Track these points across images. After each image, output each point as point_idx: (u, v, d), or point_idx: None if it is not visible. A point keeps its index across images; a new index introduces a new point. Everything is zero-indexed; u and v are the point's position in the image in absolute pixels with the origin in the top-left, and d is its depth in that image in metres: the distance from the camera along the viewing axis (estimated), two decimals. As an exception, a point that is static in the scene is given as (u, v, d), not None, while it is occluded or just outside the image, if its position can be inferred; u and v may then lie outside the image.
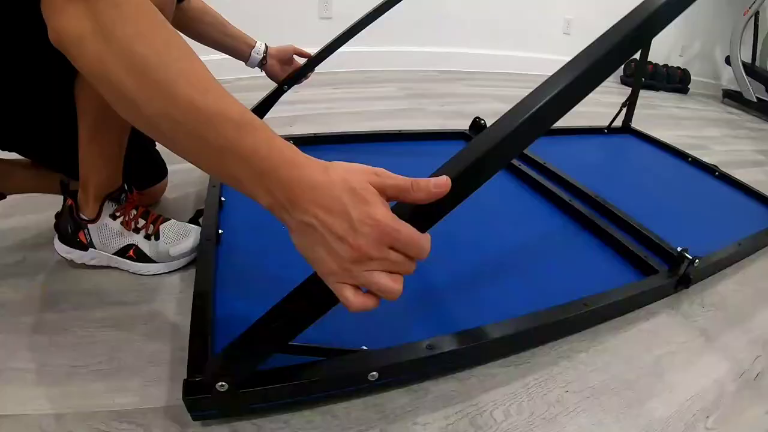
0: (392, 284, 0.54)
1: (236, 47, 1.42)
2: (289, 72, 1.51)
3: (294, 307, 0.61)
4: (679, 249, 1.14)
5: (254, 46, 1.44)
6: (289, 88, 1.51)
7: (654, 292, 1.11)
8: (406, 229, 0.53)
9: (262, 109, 1.52)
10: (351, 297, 0.54)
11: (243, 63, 1.49)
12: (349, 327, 0.81)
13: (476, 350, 0.86)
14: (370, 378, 0.77)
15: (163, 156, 1.36)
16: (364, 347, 0.79)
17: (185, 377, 0.74)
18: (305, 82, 1.60)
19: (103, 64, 0.54)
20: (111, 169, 1.04)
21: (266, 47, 1.45)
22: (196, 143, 0.55)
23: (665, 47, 4.15)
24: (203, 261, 1.02)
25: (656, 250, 1.22)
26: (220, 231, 1.11)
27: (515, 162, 1.64)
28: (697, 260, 1.12)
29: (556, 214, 1.40)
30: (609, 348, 0.98)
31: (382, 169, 0.55)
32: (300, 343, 0.72)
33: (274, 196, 0.54)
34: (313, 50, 3.03)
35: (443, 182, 0.55)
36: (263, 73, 1.53)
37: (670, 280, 1.12)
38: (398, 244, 0.53)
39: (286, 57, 1.51)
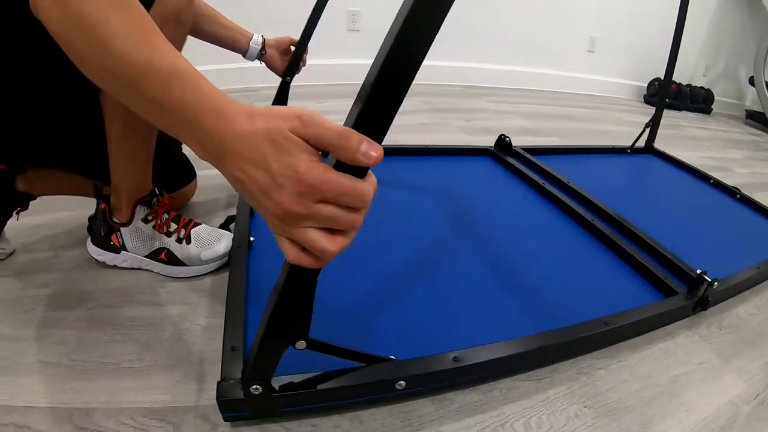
0: (323, 243, 0.50)
1: (235, 38, 1.40)
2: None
3: (281, 293, 0.62)
4: (698, 271, 1.15)
5: (252, 38, 1.42)
6: (291, 78, 1.51)
7: (673, 313, 1.12)
8: (336, 179, 0.48)
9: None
10: (287, 250, 0.52)
11: (271, 73, 1.52)
12: (379, 336, 0.84)
13: (500, 364, 0.88)
14: (397, 387, 0.80)
15: (191, 161, 1.39)
16: (392, 357, 0.82)
17: (217, 378, 0.76)
18: (330, 92, 1.61)
19: (62, 25, 0.57)
20: (141, 173, 1.07)
21: (263, 38, 1.44)
22: (135, 96, 0.55)
23: (689, 67, 4.16)
24: (236, 267, 1.04)
25: (676, 271, 1.23)
26: (251, 238, 1.14)
27: (540, 180, 1.67)
28: (716, 283, 1.13)
29: (580, 234, 1.42)
30: (627, 366, 1.00)
31: (309, 114, 0.48)
32: (332, 343, 0.74)
33: (205, 148, 0.52)
34: (341, 62, 3.07)
35: (375, 156, 0.48)
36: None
37: (689, 302, 1.13)
38: (329, 196, 0.48)
39: (284, 47, 1.50)
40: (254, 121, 0.49)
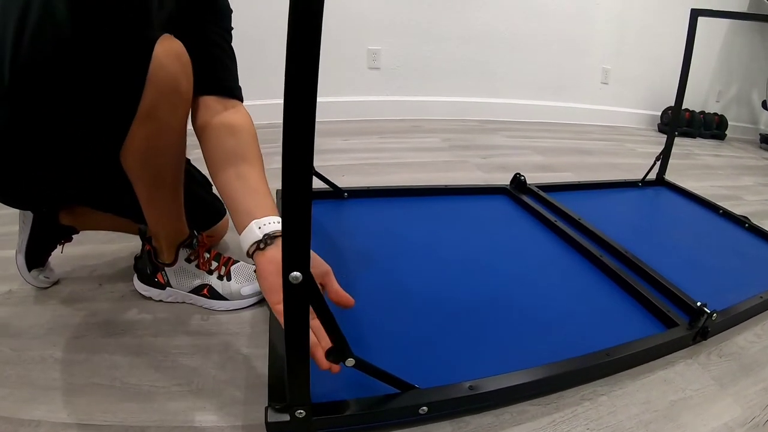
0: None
1: (237, 208, 0.95)
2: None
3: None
4: (698, 303, 1.21)
5: (259, 219, 0.89)
6: None
7: (673, 344, 1.18)
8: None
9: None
10: None
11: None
12: (402, 366, 0.93)
13: (511, 391, 0.98)
14: (420, 412, 0.90)
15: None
16: (416, 385, 0.92)
17: (261, 402, 0.86)
18: (354, 129, 1.62)
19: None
20: (175, 222, 1.14)
21: (268, 237, 0.86)
22: None
23: (701, 93, 4.18)
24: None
25: (678, 303, 1.30)
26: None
27: (552, 218, 1.75)
28: (714, 314, 1.19)
29: (589, 269, 1.49)
30: (628, 392, 1.06)
31: None
32: (371, 364, 0.84)
33: None
34: (362, 98, 3.14)
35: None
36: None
37: (689, 333, 1.19)
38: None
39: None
40: None
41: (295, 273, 0.64)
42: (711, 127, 4.01)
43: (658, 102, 3.97)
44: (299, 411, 0.82)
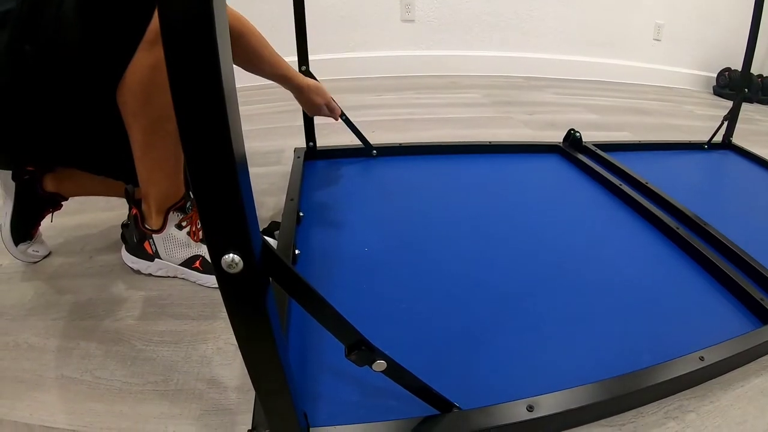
0: None
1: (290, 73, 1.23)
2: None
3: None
4: None
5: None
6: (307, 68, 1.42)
7: None
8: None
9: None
10: None
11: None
12: (438, 379, 0.68)
13: (581, 412, 0.72)
14: (461, 443, 0.65)
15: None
16: (456, 405, 0.67)
17: (249, 409, 0.69)
18: (388, 85, 1.53)
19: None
20: (170, 181, 0.98)
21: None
22: None
23: (758, 55, 3.75)
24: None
25: None
26: (297, 251, 1.03)
27: (616, 181, 1.48)
28: None
29: (663, 244, 1.22)
30: (720, 408, 0.81)
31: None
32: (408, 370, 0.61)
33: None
34: (396, 53, 2.97)
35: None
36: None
37: None
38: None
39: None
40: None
41: (229, 255, 0.37)
42: (769, 91, 3.60)
43: (713, 62, 3.60)
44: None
